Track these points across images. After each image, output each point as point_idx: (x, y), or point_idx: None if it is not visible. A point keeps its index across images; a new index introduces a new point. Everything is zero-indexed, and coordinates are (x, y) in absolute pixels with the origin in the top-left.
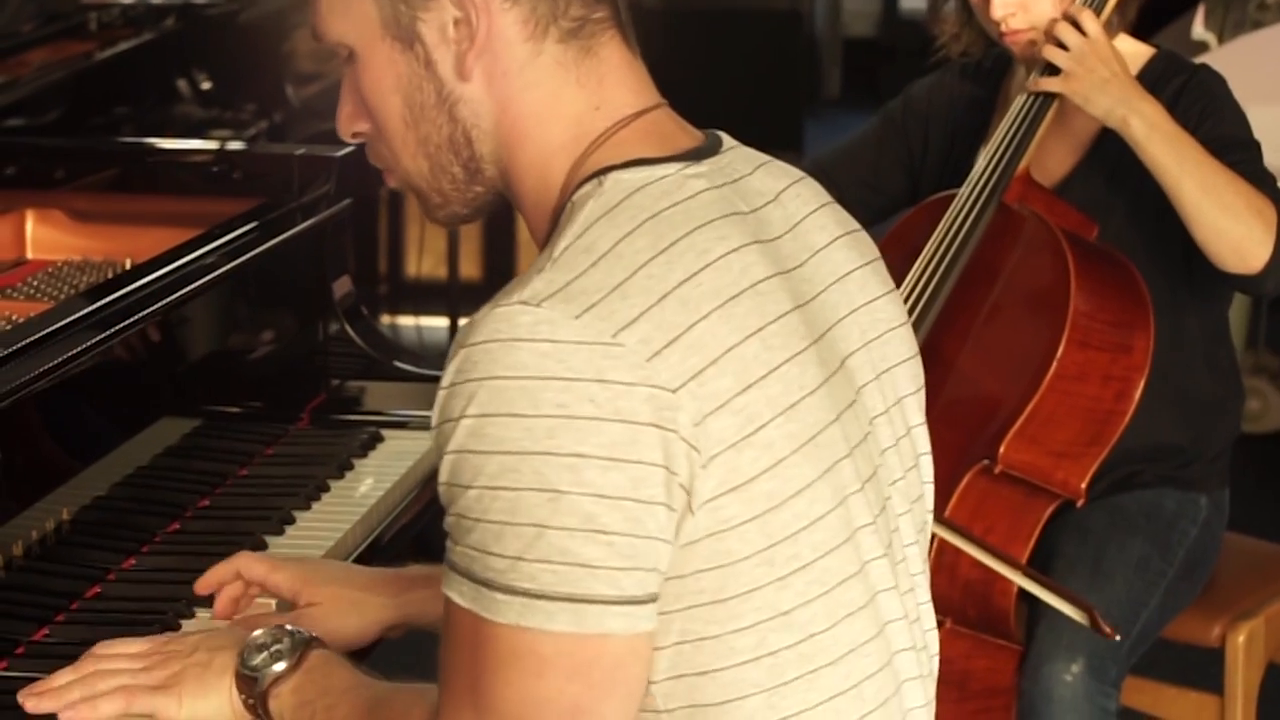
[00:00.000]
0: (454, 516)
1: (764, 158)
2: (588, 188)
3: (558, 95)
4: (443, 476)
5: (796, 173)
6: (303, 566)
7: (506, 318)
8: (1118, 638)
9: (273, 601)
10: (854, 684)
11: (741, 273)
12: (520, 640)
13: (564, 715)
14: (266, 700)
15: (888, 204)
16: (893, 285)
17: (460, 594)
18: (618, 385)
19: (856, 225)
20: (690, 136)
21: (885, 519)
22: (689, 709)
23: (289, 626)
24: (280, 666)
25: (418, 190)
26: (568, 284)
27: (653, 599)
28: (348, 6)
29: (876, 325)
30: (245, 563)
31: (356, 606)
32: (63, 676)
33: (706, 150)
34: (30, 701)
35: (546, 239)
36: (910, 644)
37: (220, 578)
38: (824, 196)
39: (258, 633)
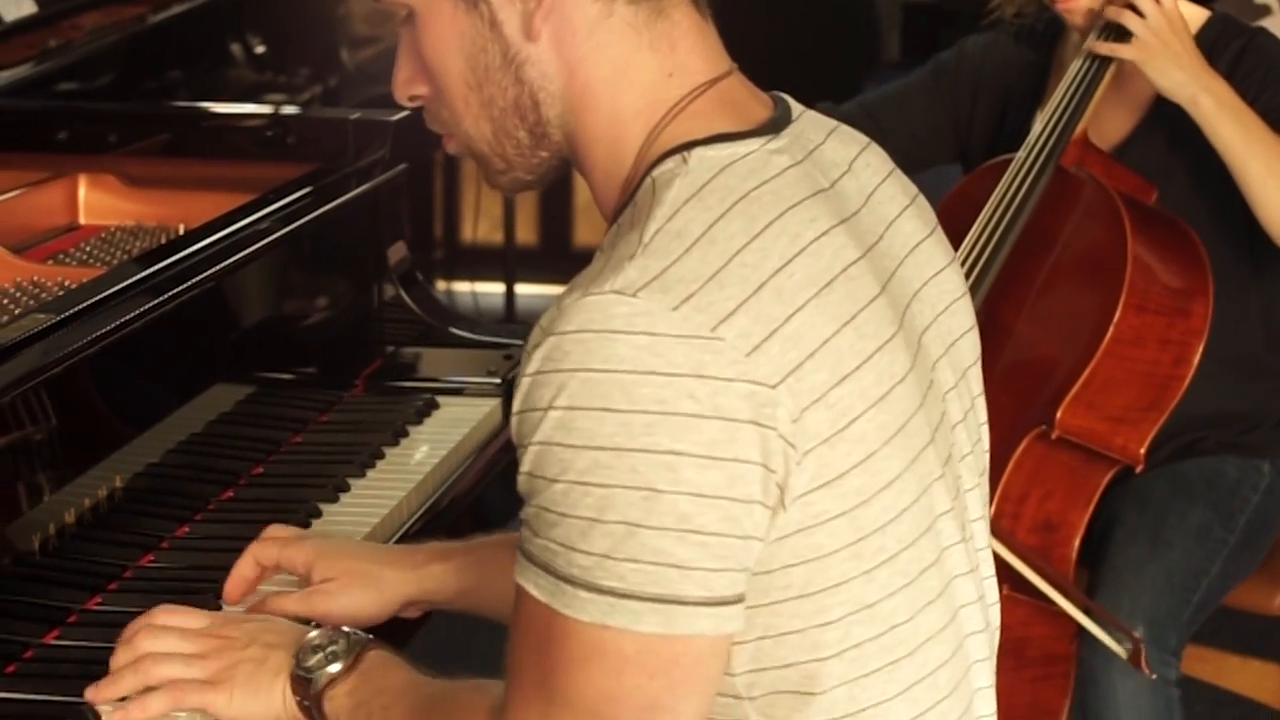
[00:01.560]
0: (535, 509)
1: (831, 122)
2: (670, 164)
3: (629, 60)
4: (525, 467)
5: (863, 138)
6: (318, 542)
7: (601, 307)
8: (1154, 676)
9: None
10: (929, 672)
11: (833, 258)
12: (602, 638)
13: (640, 711)
14: (321, 702)
15: (929, 157)
16: (953, 253)
17: (537, 587)
18: (717, 381)
19: (917, 191)
20: (762, 104)
21: (960, 500)
22: (771, 696)
23: (345, 628)
24: (335, 668)
25: (480, 155)
26: (663, 272)
27: (741, 599)
28: None
29: (943, 298)
30: (259, 551)
31: (373, 581)
32: (118, 659)
33: (781, 120)
34: (90, 692)
35: (617, 210)
36: (981, 626)
37: (244, 576)
38: (889, 163)
39: (313, 634)
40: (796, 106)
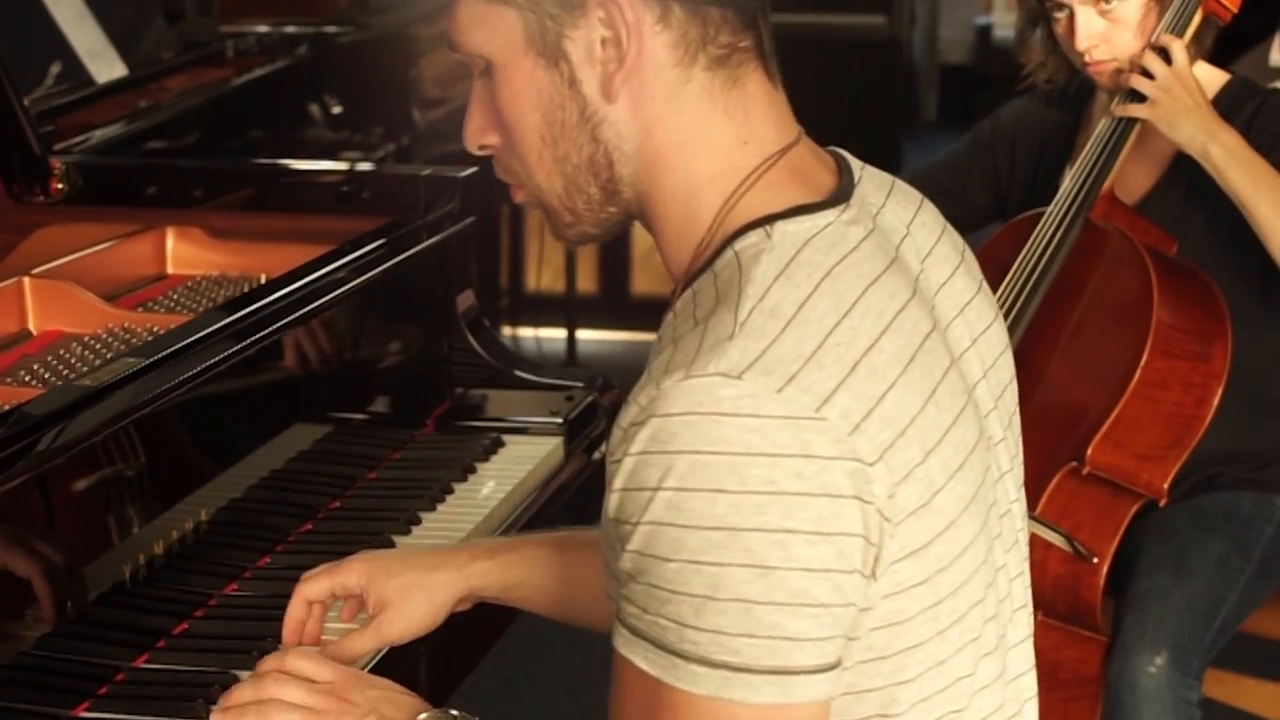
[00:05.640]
0: (644, 585)
1: (889, 179)
2: (754, 238)
3: (705, 125)
4: (633, 545)
5: (917, 196)
6: (366, 563)
7: (706, 389)
8: (1094, 560)
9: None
10: (983, 718)
11: (912, 333)
12: (716, 709)
13: None
14: None
15: (972, 218)
16: (998, 308)
17: (648, 661)
18: (822, 460)
19: (964, 245)
20: (827, 168)
21: (1016, 552)
22: None
23: (454, 711)
24: None
25: (549, 208)
26: (763, 353)
27: (842, 661)
28: (489, 18)
29: (990, 353)
30: (308, 589)
31: (423, 589)
32: (244, 693)
33: (846, 186)
34: (216, 715)
35: (692, 273)
36: (1027, 668)
37: (298, 618)
38: (940, 221)
39: (423, 716)
40: (856, 165)
